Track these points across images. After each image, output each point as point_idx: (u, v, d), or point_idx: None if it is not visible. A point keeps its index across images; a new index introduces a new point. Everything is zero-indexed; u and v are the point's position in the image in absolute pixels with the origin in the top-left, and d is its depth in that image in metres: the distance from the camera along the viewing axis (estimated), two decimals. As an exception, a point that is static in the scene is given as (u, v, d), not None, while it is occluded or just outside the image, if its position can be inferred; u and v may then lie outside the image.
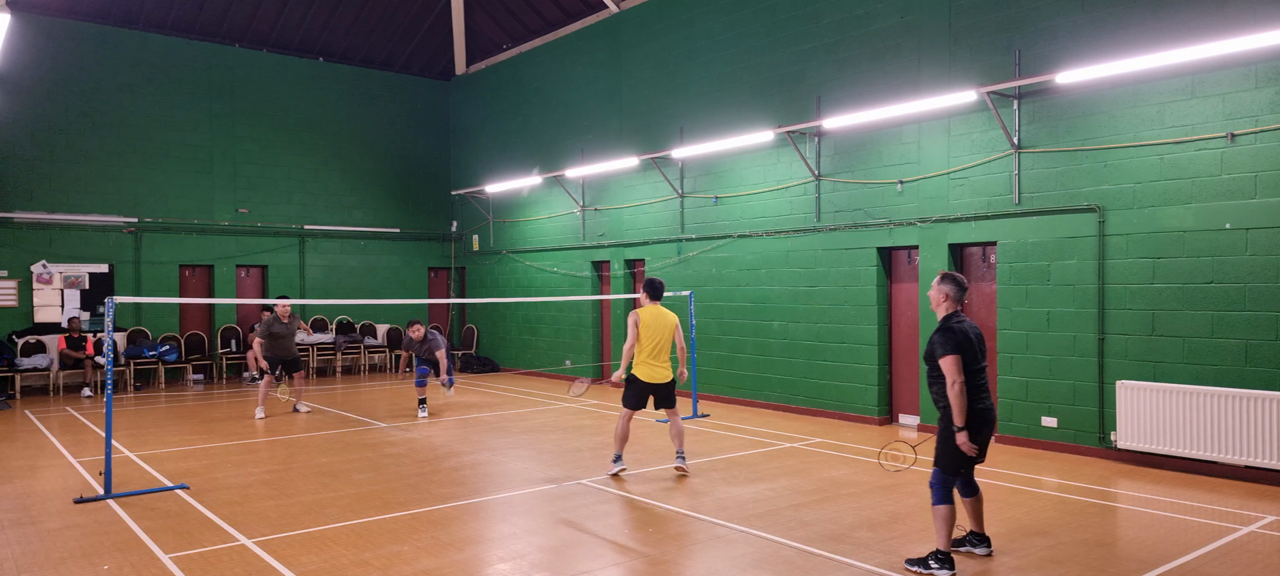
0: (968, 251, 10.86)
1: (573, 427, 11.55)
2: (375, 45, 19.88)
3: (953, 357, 5.49)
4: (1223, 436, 8.24)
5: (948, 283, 5.78)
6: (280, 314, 12.27)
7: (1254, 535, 6.54)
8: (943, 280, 5.79)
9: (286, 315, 12.32)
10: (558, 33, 17.77)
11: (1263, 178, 8.13)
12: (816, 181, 12.20)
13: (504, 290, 18.99)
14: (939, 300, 5.78)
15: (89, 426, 11.86)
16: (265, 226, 18.41)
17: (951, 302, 5.74)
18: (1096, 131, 9.29)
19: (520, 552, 6.24)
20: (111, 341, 8.09)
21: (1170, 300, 8.72)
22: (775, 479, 8.42)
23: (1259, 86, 8.15)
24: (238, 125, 18.17)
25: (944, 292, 5.76)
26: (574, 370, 16.99)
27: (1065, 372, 9.54)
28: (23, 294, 15.81)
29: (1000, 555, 6.05)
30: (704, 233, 14.10)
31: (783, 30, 12.68)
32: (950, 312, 5.73)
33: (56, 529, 6.85)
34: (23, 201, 15.79)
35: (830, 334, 12.05)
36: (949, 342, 5.53)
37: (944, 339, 5.56)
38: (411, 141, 20.69)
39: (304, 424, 11.96)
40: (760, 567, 5.86)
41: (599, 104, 16.42)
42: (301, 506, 7.50)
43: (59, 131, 16.15)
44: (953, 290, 5.75)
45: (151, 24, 17.18)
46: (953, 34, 10.56)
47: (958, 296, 5.75)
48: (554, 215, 17.74)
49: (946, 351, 5.52)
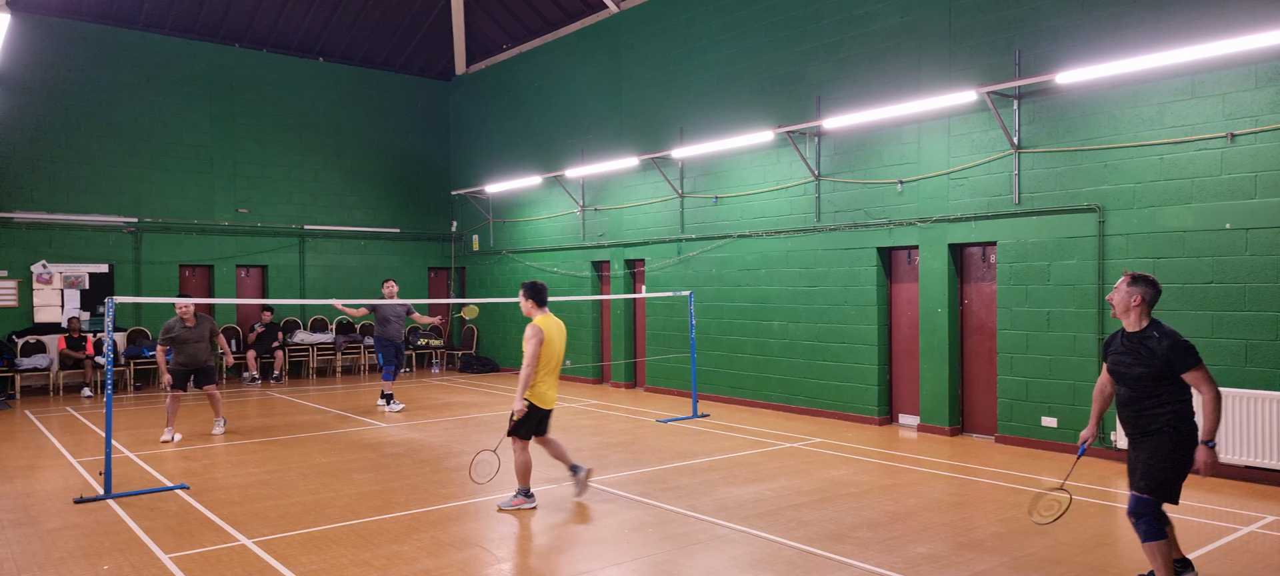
0: (968, 251, 10.86)
1: (573, 427, 11.55)
2: (375, 45, 19.87)
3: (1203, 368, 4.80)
4: (1223, 436, 8.24)
5: (1142, 285, 4.96)
6: (184, 316, 10.71)
7: (1254, 535, 6.54)
8: (1134, 281, 4.98)
9: (191, 317, 10.75)
10: (558, 33, 17.77)
11: (1263, 178, 8.13)
12: (816, 181, 12.20)
13: (504, 290, 18.98)
14: (1130, 305, 4.98)
15: (89, 426, 11.86)
16: (265, 226, 18.41)
17: (1146, 308, 4.97)
18: (1096, 131, 9.29)
19: (520, 552, 6.24)
20: (111, 341, 8.09)
21: (1170, 300, 8.72)
22: (775, 479, 8.42)
23: (1259, 86, 8.15)
24: (238, 125, 18.18)
25: (1139, 295, 4.97)
26: (573, 369, 17.00)
27: (1065, 372, 9.54)
28: (23, 294, 15.81)
29: (1000, 555, 6.05)
30: (704, 233, 14.10)
31: (783, 30, 12.68)
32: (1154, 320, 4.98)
33: (56, 529, 6.85)
34: (23, 201, 15.79)
35: (830, 334, 12.05)
36: (1195, 351, 4.80)
37: (1189, 348, 4.80)
38: (411, 141, 20.69)
39: (304, 424, 11.95)
40: (760, 567, 5.86)
41: (599, 104, 16.42)
42: (301, 506, 7.50)
43: (59, 131, 16.15)
44: (1149, 293, 4.97)
45: (151, 24, 17.18)
46: (953, 34, 10.57)
47: (1153, 300, 4.98)
48: (554, 215, 17.74)
49: (1198, 361, 4.79)
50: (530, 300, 7.45)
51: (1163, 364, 4.83)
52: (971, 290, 10.86)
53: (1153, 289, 4.96)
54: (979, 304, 10.79)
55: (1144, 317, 4.98)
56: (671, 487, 8.09)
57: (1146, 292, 4.94)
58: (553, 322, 7.40)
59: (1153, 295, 4.95)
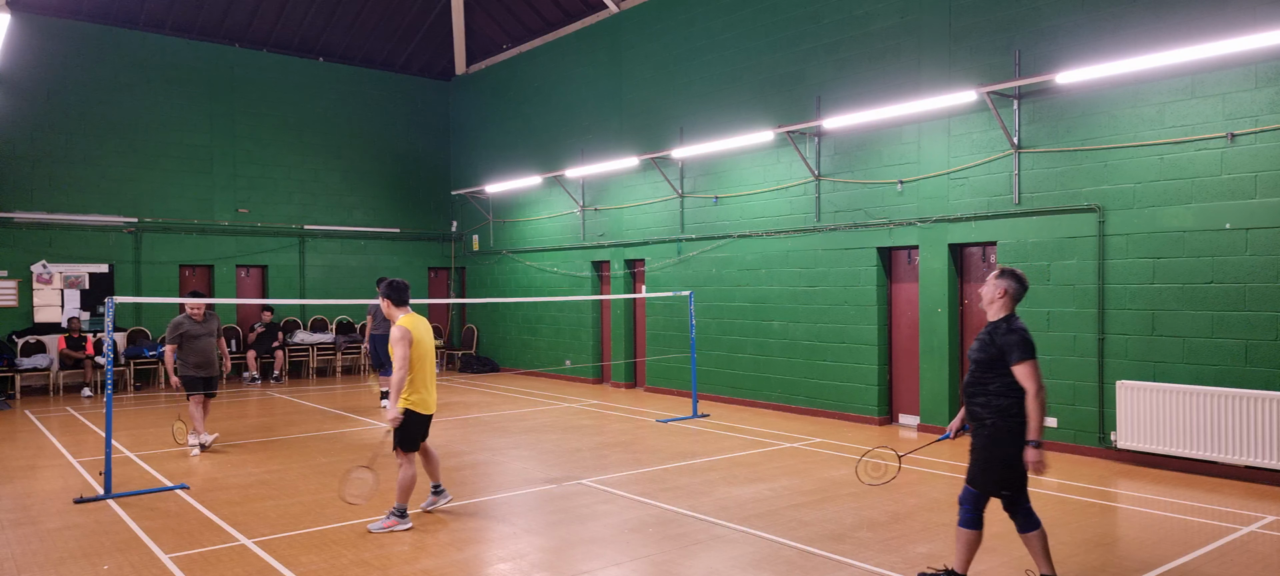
0: (968, 251, 10.86)
1: (573, 427, 11.55)
2: (375, 45, 19.87)
3: (1032, 364, 4.85)
4: (1223, 436, 8.24)
5: (1008, 278, 5.10)
6: (193, 313, 10.05)
7: (1254, 535, 6.54)
8: (1002, 275, 5.12)
9: (200, 313, 10.07)
10: (558, 33, 17.76)
11: (1263, 178, 8.13)
12: (816, 181, 12.20)
13: (504, 290, 18.99)
14: (995, 297, 5.10)
15: (89, 426, 11.86)
16: (265, 226, 18.41)
17: (1011, 301, 5.09)
18: (1096, 131, 9.29)
19: (520, 552, 6.24)
20: (111, 341, 8.09)
21: (1170, 300, 8.72)
22: (775, 479, 8.42)
23: (1259, 86, 8.15)
24: (238, 125, 18.18)
25: (1002, 288, 5.09)
26: (573, 369, 17.00)
27: (1065, 372, 9.54)
28: (23, 294, 15.81)
29: (1000, 554, 6.05)
30: (704, 233, 14.10)
31: (783, 30, 12.68)
32: (1010, 313, 5.08)
33: (56, 529, 6.85)
34: (23, 201, 15.79)
35: (830, 334, 12.05)
36: (1028, 346, 4.88)
37: (1023, 341, 4.89)
38: (411, 141, 20.69)
39: (304, 424, 11.95)
40: (760, 567, 5.86)
41: (599, 104, 16.42)
42: (301, 506, 7.50)
43: (59, 131, 16.15)
44: (1013, 287, 5.09)
45: (151, 24, 17.18)
46: (953, 34, 10.56)
47: (1018, 294, 5.11)
48: (554, 215, 17.74)
49: (1027, 356, 4.85)
50: (388, 299, 6.93)
51: (997, 351, 4.96)
52: (971, 290, 10.85)
53: (1018, 283, 5.12)
54: (979, 304, 10.78)
55: (1006, 309, 5.11)
56: (671, 487, 8.09)
57: (1012, 286, 5.10)
58: (419, 322, 6.91)
59: (1018, 289, 5.11)
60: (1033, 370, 4.84)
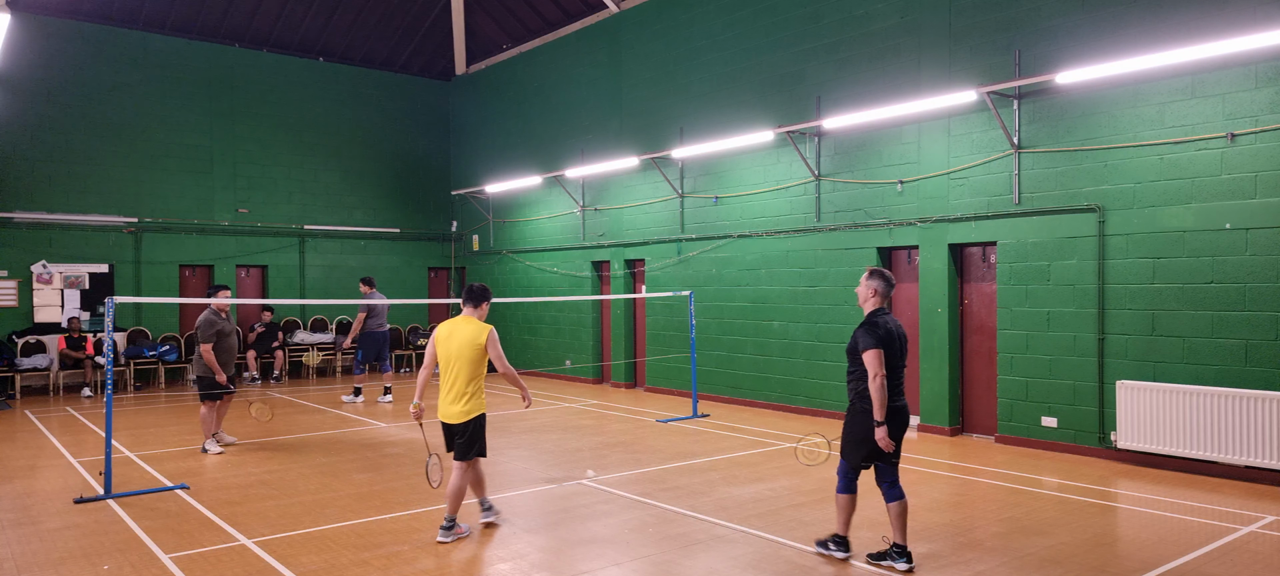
0: (968, 251, 10.85)
1: (573, 427, 11.55)
2: (375, 45, 19.87)
3: (876, 352, 5.58)
4: (1222, 436, 8.24)
5: (876, 278, 5.91)
6: (220, 309, 9.89)
7: (1254, 535, 6.54)
8: (871, 276, 5.92)
9: (225, 308, 9.93)
10: (558, 33, 17.76)
11: (1263, 178, 8.13)
12: (816, 181, 12.20)
13: (504, 290, 18.98)
14: (867, 296, 5.91)
15: (89, 426, 11.86)
16: (265, 226, 18.41)
17: (879, 298, 5.89)
18: (1096, 131, 9.29)
19: (520, 552, 6.24)
20: (111, 341, 8.09)
21: (1170, 300, 8.72)
22: (775, 479, 8.41)
23: (1259, 86, 8.15)
24: (238, 125, 18.17)
25: (872, 288, 5.89)
26: (573, 369, 16.99)
27: (1065, 372, 9.54)
28: (23, 294, 15.81)
29: (1001, 554, 6.05)
30: (704, 232, 14.10)
31: (783, 30, 12.68)
32: (877, 309, 5.86)
33: (56, 529, 6.85)
34: (23, 201, 15.79)
35: (830, 334, 12.05)
36: (872, 337, 5.63)
37: (867, 333, 5.66)
38: (411, 141, 20.69)
39: (304, 423, 11.95)
40: (760, 567, 5.86)
41: (599, 104, 16.42)
42: (301, 506, 7.50)
43: (59, 131, 16.14)
44: (881, 286, 5.89)
45: (151, 24, 17.18)
46: (953, 34, 10.56)
47: (885, 292, 5.90)
48: (554, 215, 17.74)
49: (869, 345, 5.61)
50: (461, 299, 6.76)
51: (852, 340, 5.78)
52: (971, 290, 10.86)
53: (886, 283, 5.91)
54: (979, 304, 10.79)
55: (876, 305, 5.90)
56: (671, 487, 8.09)
57: (880, 286, 5.90)
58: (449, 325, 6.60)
59: (886, 288, 5.91)
60: (875, 357, 5.58)
